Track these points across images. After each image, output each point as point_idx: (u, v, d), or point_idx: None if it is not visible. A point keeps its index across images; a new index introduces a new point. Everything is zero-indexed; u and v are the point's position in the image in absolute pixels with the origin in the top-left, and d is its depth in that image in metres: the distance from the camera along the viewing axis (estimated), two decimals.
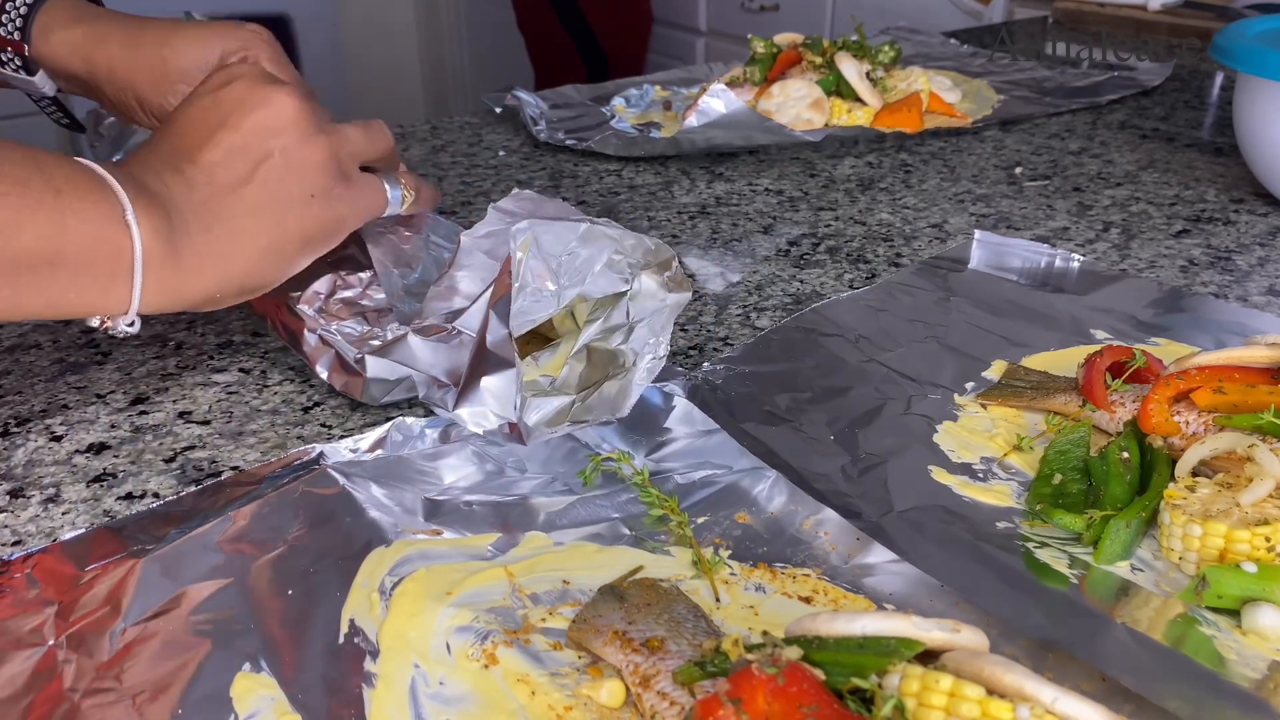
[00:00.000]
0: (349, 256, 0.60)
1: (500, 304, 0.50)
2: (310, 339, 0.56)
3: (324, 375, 0.55)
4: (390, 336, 0.55)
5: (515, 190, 0.58)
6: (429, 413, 0.53)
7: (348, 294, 0.58)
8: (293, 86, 0.53)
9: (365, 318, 0.57)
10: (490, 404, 0.51)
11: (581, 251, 0.51)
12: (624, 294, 0.51)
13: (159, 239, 0.47)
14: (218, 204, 0.49)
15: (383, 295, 0.58)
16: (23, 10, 0.63)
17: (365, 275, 0.59)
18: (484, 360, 0.51)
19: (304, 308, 0.57)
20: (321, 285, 0.58)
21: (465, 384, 0.52)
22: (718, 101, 0.90)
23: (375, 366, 0.53)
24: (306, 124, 0.52)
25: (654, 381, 0.55)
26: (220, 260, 0.49)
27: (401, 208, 0.58)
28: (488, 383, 0.51)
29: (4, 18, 0.63)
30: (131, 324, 0.48)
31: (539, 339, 0.56)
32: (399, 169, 0.61)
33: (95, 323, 0.48)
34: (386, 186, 0.57)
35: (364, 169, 0.57)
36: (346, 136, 0.55)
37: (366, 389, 0.54)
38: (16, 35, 0.63)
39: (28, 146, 0.46)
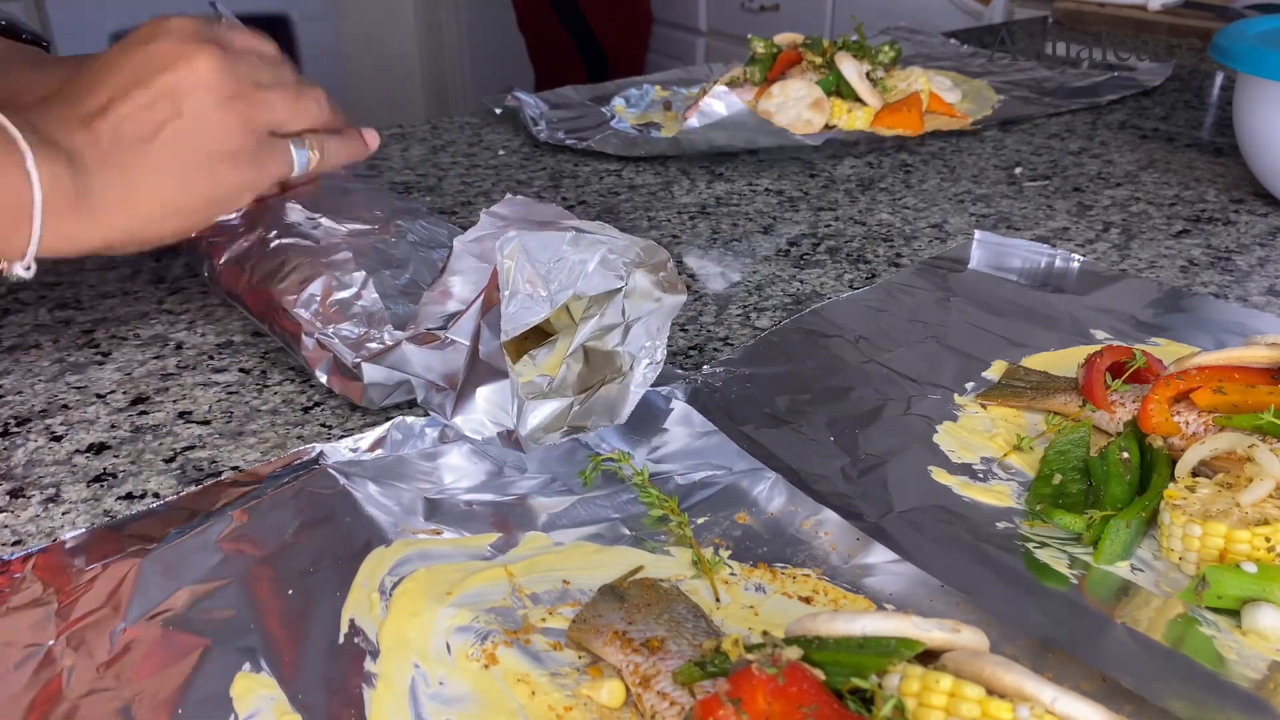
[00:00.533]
0: (341, 260, 0.60)
1: (491, 315, 0.51)
2: (308, 343, 0.56)
3: (323, 379, 0.55)
4: (387, 341, 0.55)
5: (508, 195, 0.58)
6: (429, 413, 0.53)
7: (343, 295, 0.58)
8: (215, 48, 0.53)
9: (360, 320, 0.57)
10: (486, 412, 0.52)
11: (572, 256, 0.51)
12: (618, 290, 0.51)
13: (59, 186, 0.48)
14: (121, 156, 0.51)
15: (376, 296, 0.58)
16: None
17: (359, 275, 0.59)
18: (477, 370, 0.51)
19: (300, 311, 0.57)
20: (316, 287, 0.58)
21: (461, 393, 0.52)
22: (719, 104, 0.90)
23: (372, 372, 0.53)
24: (222, 87, 0.53)
25: (654, 385, 0.55)
26: (120, 211, 0.51)
27: (309, 168, 0.59)
28: (483, 392, 0.51)
29: None
30: (28, 268, 0.49)
31: (536, 334, 0.56)
32: (337, 127, 0.62)
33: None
34: (292, 150, 0.57)
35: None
36: (269, 104, 0.55)
37: (365, 393, 0.54)
38: None
39: None
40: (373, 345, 0.55)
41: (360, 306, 0.57)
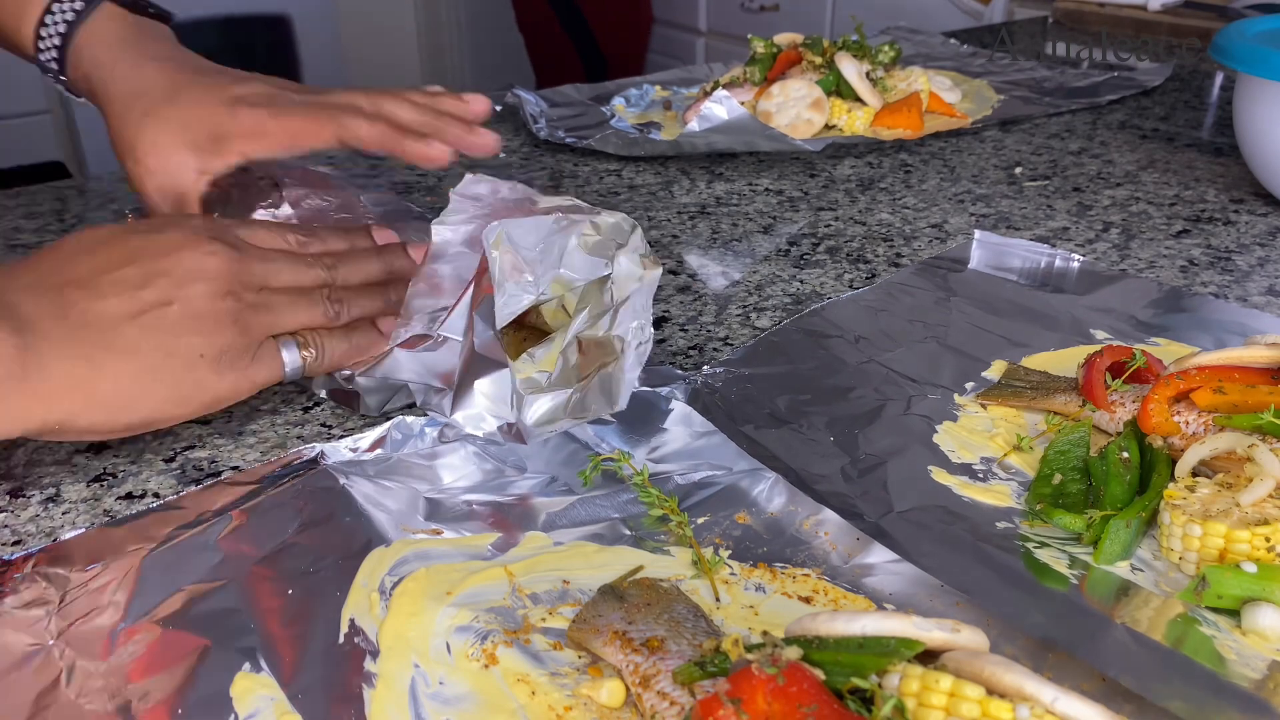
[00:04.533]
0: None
1: (483, 306, 0.51)
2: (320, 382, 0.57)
3: (323, 394, 0.56)
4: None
5: (468, 175, 0.58)
6: (428, 413, 0.53)
7: None
8: (226, 245, 0.50)
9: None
10: (486, 406, 0.51)
11: (556, 240, 0.51)
12: (607, 277, 0.52)
13: (1, 363, 0.43)
14: (88, 333, 0.46)
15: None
16: (69, 16, 0.62)
17: None
18: (474, 364, 0.52)
19: None
20: None
21: (459, 389, 0.52)
22: (720, 108, 0.90)
23: (367, 382, 0.53)
24: (223, 282, 0.49)
25: (654, 385, 0.56)
26: (71, 393, 0.45)
27: (303, 372, 0.53)
28: (481, 385, 0.51)
29: (51, 20, 0.62)
30: None
31: (535, 334, 0.56)
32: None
33: None
34: (283, 354, 0.52)
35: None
36: (272, 308, 0.51)
37: (364, 403, 0.54)
38: (56, 40, 0.62)
39: None
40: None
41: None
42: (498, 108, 1.08)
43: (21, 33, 0.63)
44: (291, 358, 0.52)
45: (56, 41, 0.62)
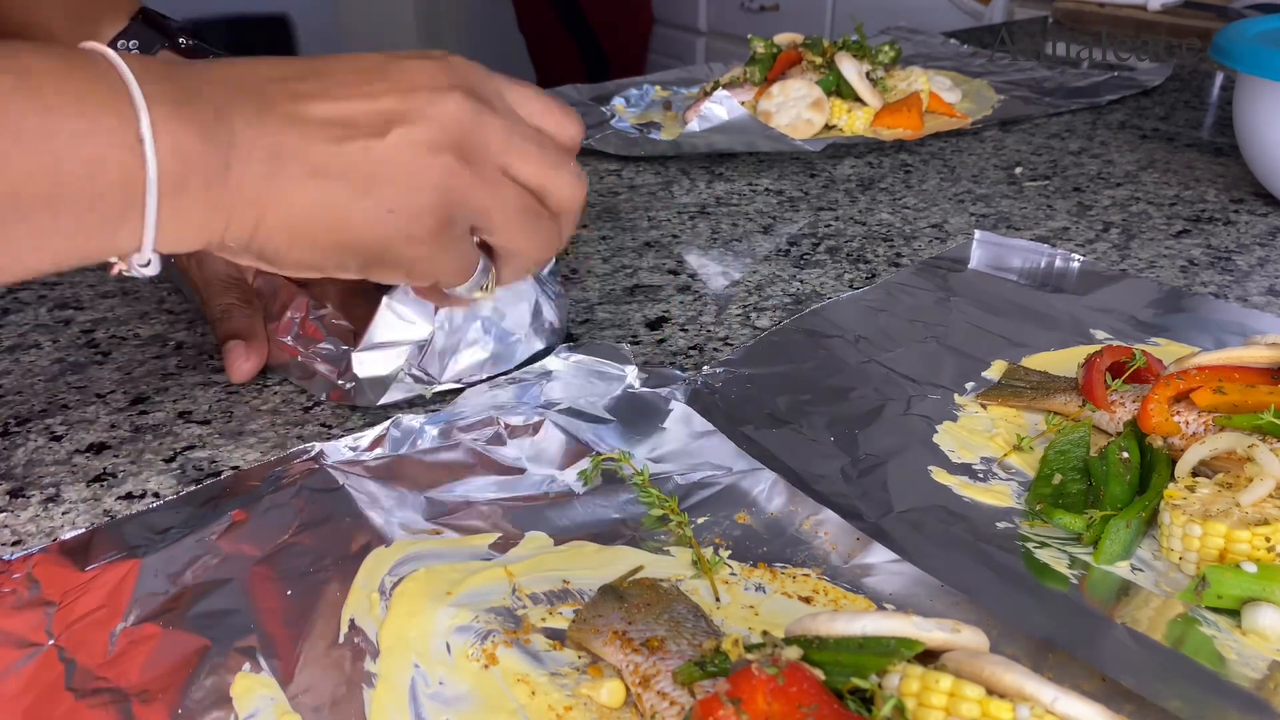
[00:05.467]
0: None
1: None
2: (295, 369, 0.57)
3: (322, 398, 0.56)
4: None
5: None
6: (428, 411, 0.53)
7: (321, 313, 0.58)
8: (472, 98, 0.42)
9: (341, 337, 0.56)
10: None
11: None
12: None
13: (179, 160, 0.37)
14: (281, 142, 0.39)
15: None
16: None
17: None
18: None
19: (284, 338, 0.58)
20: (296, 310, 0.58)
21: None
22: (720, 108, 0.90)
23: (362, 365, 0.54)
24: (449, 137, 0.41)
25: (654, 385, 0.56)
26: (249, 207, 0.39)
27: (473, 294, 0.48)
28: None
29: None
30: (146, 264, 0.39)
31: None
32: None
33: (113, 261, 0.39)
34: (477, 272, 0.46)
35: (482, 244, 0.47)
36: (486, 193, 0.43)
37: (362, 393, 0.54)
38: None
39: (10, 44, 0.36)
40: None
41: (335, 322, 0.57)
42: None
43: None
44: (480, 275, 0.45)
45: None
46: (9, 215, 0.35)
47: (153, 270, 0.39)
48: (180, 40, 0.60)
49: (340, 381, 0.55)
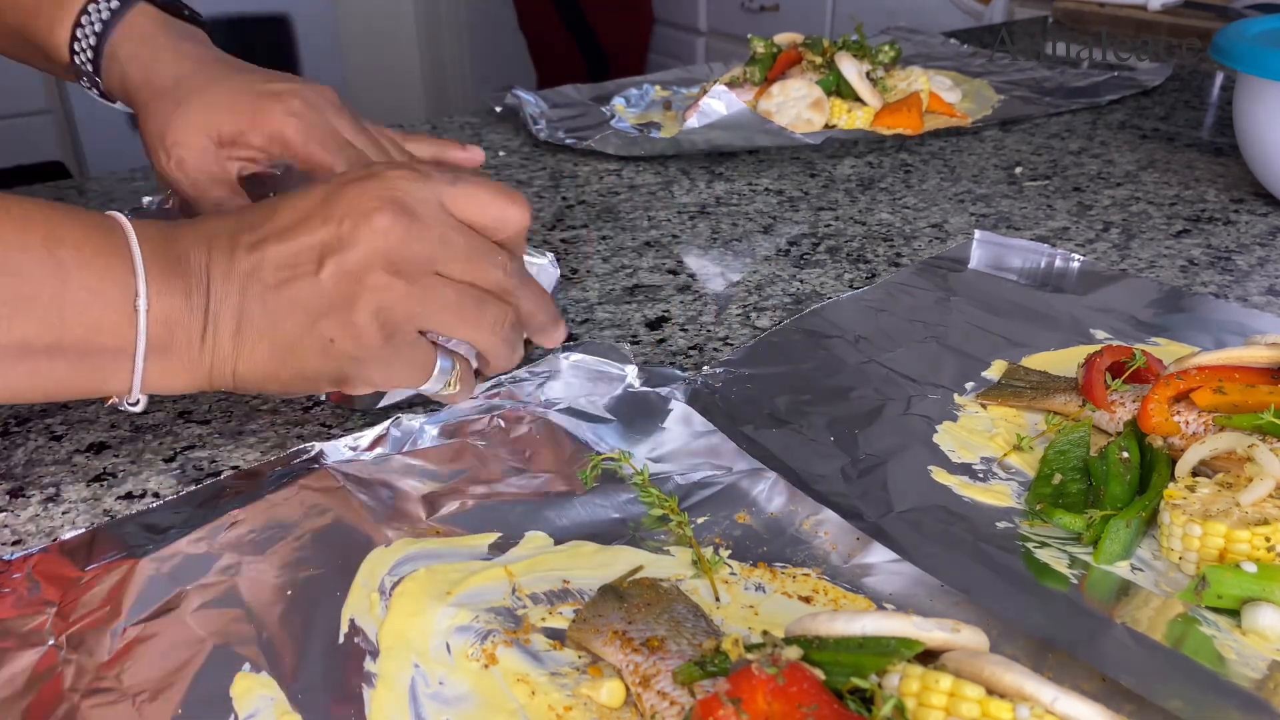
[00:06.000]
0: None
1: None
2: None
3: (322, 398, 0.56)
4: None
5: None
6: (428, 411, 0.53)
7: None
8: (401, 213, 0.45)
9: None
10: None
11: None
12: None
13: (165, 329, 0.43)
14: (245, 297, 0.44)
15: None
16: (105, 15, 0.62)
17: None
18: None
19: None
20: None
21: None
22: (719, 103, 0.90)
23: None
24: (380, 260, 0.44)
25: (654, 385, 0.56)
26: (225, 360, 0.45)
27: (444, 392, 0.50)
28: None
29: (87, 20, 0.62)
30: (135, 404, 0.45)
31: None
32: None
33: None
34: (437, 365, 0.48)
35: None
36: (427, 299, 0.46)
37: (361, 396, 0.54)
38: (92, 40, 0.62)
39: (42, 208, 0.42)
40: None
41: None
42: (497, 108, 1.08)
43: (55, 37, 0.63)
44: (444, 374, 0.49)
45: (92, 42, 0.62)
46: (14, 359, 0.41)
47: (140, 408, 0.45)
48: None
49: None
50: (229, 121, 0.59)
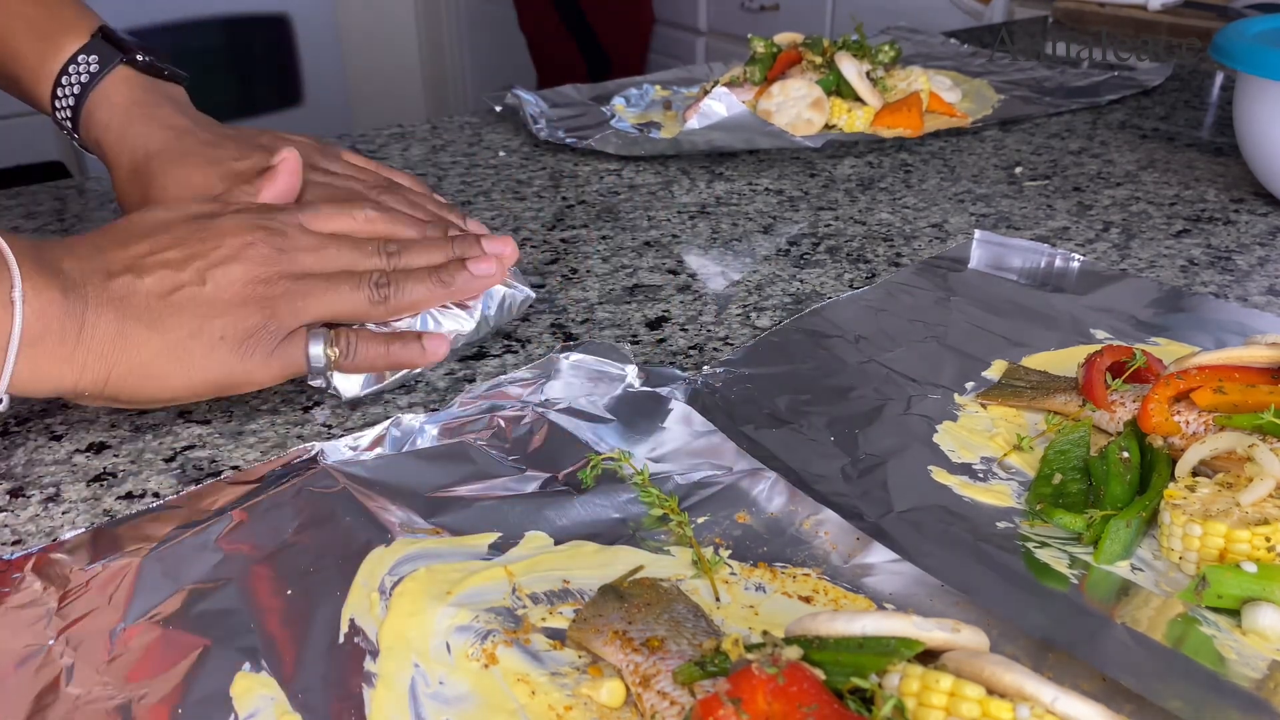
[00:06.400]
0: None
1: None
2: None
3: (314, 384, 0.56)
4: None
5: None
6: (428, 411, 0.53)
7: None
8: (266, 234, 0.52)
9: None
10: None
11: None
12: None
13: (43, 319, 0.46)
14: (124, 307, 0.48)
15: None
16: (84, 78, 0.63)
17: None
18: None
19: None
20: None
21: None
22: (719, 104, 0.90)
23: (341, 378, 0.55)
24: (257, 271, 0.51)
25: (654, 385, 0.56)
26: (101, 358, 0.47)
27: (327, 368, 0.54)
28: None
29: (67, 80, 0.63)
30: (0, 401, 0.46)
31: None
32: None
33: None
34: (309, 347, 0.53)
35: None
36: (305, 294, 0.52)
37: (349, 387, 0.55)
38: (71, 101, 0.63)
39: None
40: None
41: None
42: (497, 108, 1.08)
43: (39, 90, 0.65)
44: (317, 352, 0.53)
45: (71, 103, 0.64)
46: None
47: (3, 407, 0.46)
48: (137, 56, 0.65)
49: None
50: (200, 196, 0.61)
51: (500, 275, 0.59)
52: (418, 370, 0.57)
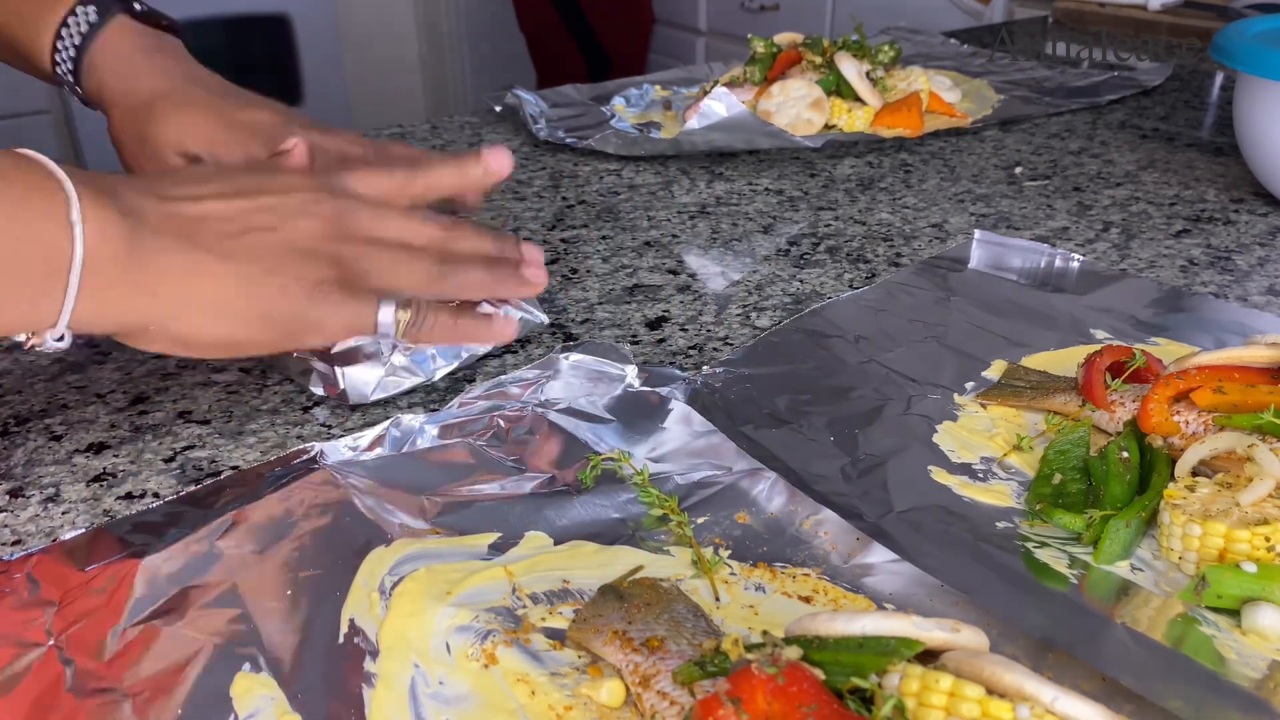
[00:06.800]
0: None
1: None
2: (292, 365, 0.57)
3: (318, 391, 0.56)
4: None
5: None
6: (428, 411, 0.53)
7: None
8: (336, 200, 0.50)
9: None
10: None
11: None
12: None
13: (106, 244, 0.43)
14: (194, 238, 0.46)
15: None
16: (84, 28, 0.63)
17: None
18: None
19: None
20: None
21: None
22: (719, 104, 0.90)
23: (348, 376, 0.55)
24: (328, 228, 0.50)
25: (654, 385, 0.56)
26: (171, 289, 0.45)
27: (395, 332, 0.52)
28: None
29: (67, 32, 0.63)
30: (60, 339, 0.44)
31: None
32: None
33: (22, 338, 0.44)
34: (380, 309, 0.51)
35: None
36: (373, 259, 0.51)
37: (356, 391, 0.54)
38: (72, 52, 0.63)
39: None
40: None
41: None
42: (497, 108, 1.08)
43: (38, 45, 0.64)
44: (387, 313, 0.51)
45: (72, 53, 0.64)
46: None
47: (65, 344, 0.44)
48: (134, 5, 0.65)
49: (335, 371, 0.55)
50: (200, 143, 0.61)
51: (540, 286, 0.57)
52: (422, 380, 0.57)
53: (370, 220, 0.51)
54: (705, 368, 0.59)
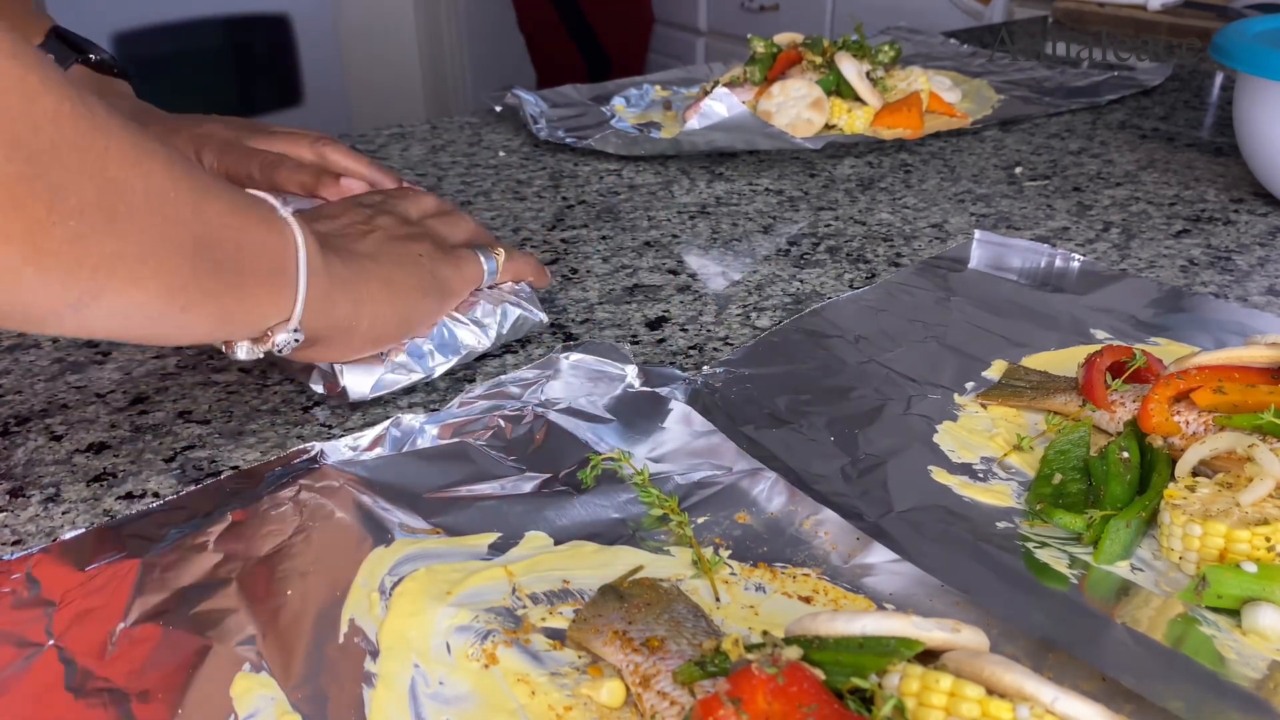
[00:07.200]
0: None
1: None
2: (294, 363, 0.57)
3: (318, 389, 0.56)
4: None
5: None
6: (428, 411, 0.53)
7: None
8: (377, 203, 0.60)
9: None
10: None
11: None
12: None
13: (312, 247, 0.48)
14: (338, 246, 0.52)
15: None
16: None
17: None
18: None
19: None
20: None
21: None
22: (720, 105, 0.90)
23: (347, 374, 0.55)
24: (392, 222, 0.59)
25: (654, 385, 0.56)
26: (359, 291, 0.52)
27: (499, 271, 0.62)
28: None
29: None
30: (296, 329, 0.48)
31: None
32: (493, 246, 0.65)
33: (242, 354, 0.49)
34: (481, 258, 0.61)
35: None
36: (430, 227, 0.61)
37: (357, 390, 0.55)
38: None
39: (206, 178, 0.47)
40: None
41: None
42: (497, 108, 1.08)
43: None
44: (489, 260, 0.61)
45: None
46: (232, 283, 0.44)
47: (301, 337, 0.49)
48: (91, 56, 0.69)
49: (334, 368, 0.55)
50: None
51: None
52: (421, 376, 0.57)
53: (408, 206, 0.62)
54: (705, 368, 0.59)
